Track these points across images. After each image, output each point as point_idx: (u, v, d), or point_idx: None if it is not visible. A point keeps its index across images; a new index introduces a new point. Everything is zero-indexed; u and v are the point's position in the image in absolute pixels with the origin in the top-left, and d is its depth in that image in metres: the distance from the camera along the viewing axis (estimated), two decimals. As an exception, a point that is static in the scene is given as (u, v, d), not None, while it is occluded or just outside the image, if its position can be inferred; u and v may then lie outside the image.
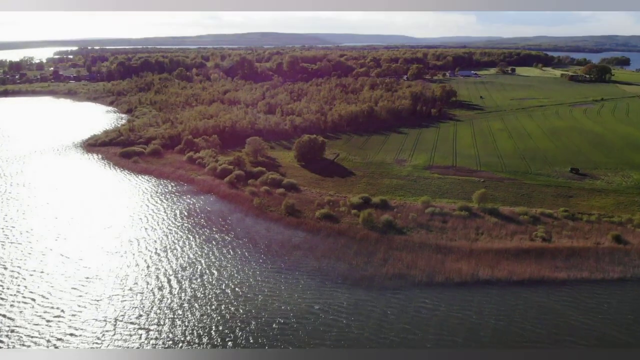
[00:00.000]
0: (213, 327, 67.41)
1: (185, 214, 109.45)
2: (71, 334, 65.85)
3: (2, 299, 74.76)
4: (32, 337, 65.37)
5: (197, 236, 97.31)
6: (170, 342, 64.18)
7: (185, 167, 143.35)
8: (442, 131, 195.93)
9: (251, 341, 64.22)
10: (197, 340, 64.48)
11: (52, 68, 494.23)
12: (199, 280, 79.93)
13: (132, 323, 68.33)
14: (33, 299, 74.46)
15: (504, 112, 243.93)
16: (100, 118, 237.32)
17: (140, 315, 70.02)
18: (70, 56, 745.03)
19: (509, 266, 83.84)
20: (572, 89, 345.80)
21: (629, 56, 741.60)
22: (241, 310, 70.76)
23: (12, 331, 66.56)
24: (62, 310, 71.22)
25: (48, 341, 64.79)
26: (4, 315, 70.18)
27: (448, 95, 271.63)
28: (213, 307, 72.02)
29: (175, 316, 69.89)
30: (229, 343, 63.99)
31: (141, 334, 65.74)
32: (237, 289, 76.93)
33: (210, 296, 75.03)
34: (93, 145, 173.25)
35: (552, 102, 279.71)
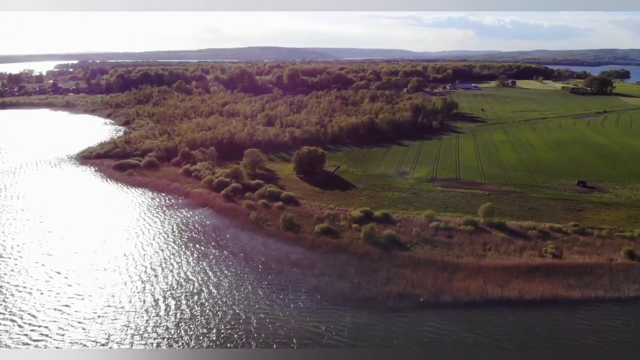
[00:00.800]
0: (206, 351, 62.73)
1: (180, 228, 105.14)
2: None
3: (-18, 319, 70.31)
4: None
5: (191, 252, 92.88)
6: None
7: (181, 180, 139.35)
8: (444, 143, 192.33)
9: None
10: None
11: (51, 81, 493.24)
12: (193, 299, 75.39)
13: (120, 344, 64.08)
14: (20, 317, 70.50)
15: (506, 124, 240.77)
16: (97, 130, 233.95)
17: (132, 335, 65.66)
18: (71, 69, 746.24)
19: (520, 284, 79.24)
20: (574, 102, 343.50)
21: (628, 69, 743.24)
22: (236, 336, 65.97)
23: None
24: (49, 329, 67.31)
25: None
26: (-17, 337, 65.69)
27: (449, 107, 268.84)
28: (207, 329, 67.36)
29: (168, 337, 65.40)
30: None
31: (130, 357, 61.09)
32: (232, 309, 72.29)
33: (204, 317, 70.53)
34: (87, 157, 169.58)
35: (555, 114, 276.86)
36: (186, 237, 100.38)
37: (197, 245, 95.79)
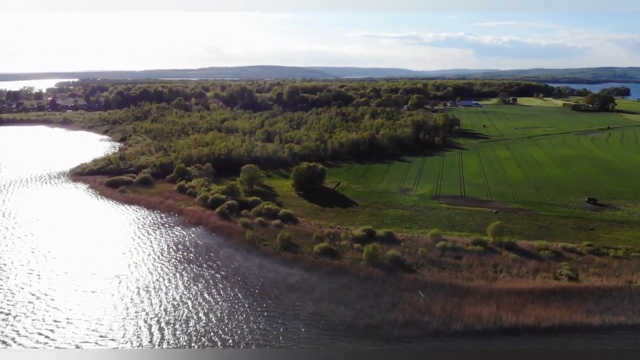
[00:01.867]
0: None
1: (172, 248, 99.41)
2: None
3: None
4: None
5: (183, 274, 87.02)
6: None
7: (175, 197, 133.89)
8: (447, 160, 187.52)
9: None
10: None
11: (50, 98, 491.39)
12: (183, 326, 69.42)
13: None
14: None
15: (510, 141, 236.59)
16: (92, 147, 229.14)
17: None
18: (71, 87, 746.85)
19: (535, 310, 73.27)
20: (576, 118, 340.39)
21: (628, 87, 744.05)
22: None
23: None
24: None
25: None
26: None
27: (451, 123, 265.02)
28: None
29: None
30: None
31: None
32: (226, 337, 66.18)
33: (196, 346, 64.52)
34: (80, 174, 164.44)
35: (558, 130, 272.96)
36: (178, 257, 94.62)
37: (189, 267, 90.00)
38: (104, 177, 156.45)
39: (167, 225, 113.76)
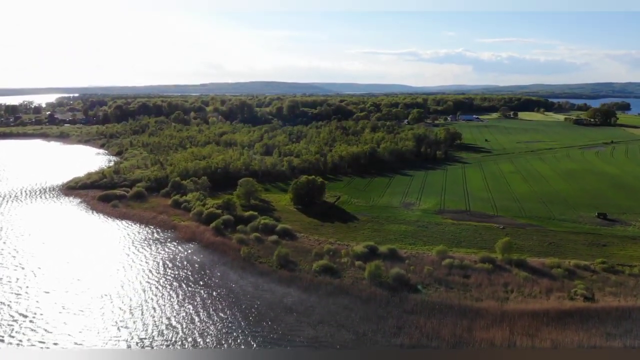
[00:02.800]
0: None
1: (163, 265, 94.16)
2: None
3: None
4: None
5: (174, 294, 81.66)
6: None
7: (169, 212, 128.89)
8: (449, 173, 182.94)
9: None
10: None
11: (48, 112, 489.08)
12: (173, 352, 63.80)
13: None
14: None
15: (513, 155, 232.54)
16: (87, 160, 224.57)
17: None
18: (71, 101, 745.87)
19: (552, 334, 67.94)
20: (579, 132, 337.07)
21: (628, 101, 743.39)
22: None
23: None
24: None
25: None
26: None
27: (452, 137, 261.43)
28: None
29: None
30: None
31: None
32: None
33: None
34: (73, 188, 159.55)
35: (561, 145, 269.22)
36: (169, 275, 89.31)
37: (181, 286, 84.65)
38: (96, 191, 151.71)
39: (159, 241, 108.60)
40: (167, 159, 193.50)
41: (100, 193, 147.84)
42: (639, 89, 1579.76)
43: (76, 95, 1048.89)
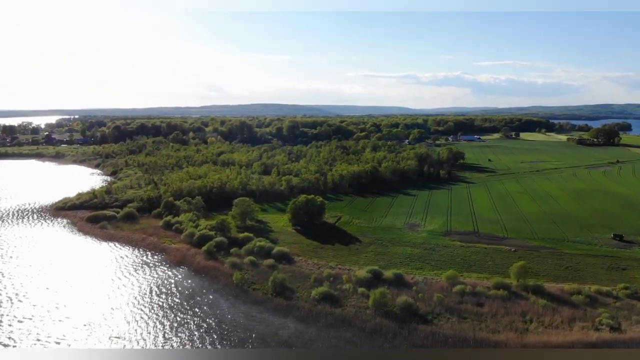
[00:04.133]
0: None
1: (149, 292, 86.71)
2: None
3: None
4: None
5: (157, 325, 74.04)
6: None
7: (160, 234, 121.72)
8: (454, 193, 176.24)
9: None
10: None
11: (46, 133, 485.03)
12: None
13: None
14: None
15: (518, 175, 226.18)
16: (80, 180, 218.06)
17: None
18: (71, 123, 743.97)
19: (580, 371, 60.05)
20: (583, 152, 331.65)
21: (629, 122, 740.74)
22: None
23: None
24: None
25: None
26: None
27: (455, 157, 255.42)
28: None
29: None
30: None
31: None
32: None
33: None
34: (61, 208, 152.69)
35: (566, 164, 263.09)
36: (155, 304, 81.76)
37: (166, 316, 77.09)
38: (86, 212, 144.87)
39: (147, 265, 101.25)
40: (162, 179, 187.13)
41: (89, 214, 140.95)
42: (639, 110, 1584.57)
43: (76, 117, 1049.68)
